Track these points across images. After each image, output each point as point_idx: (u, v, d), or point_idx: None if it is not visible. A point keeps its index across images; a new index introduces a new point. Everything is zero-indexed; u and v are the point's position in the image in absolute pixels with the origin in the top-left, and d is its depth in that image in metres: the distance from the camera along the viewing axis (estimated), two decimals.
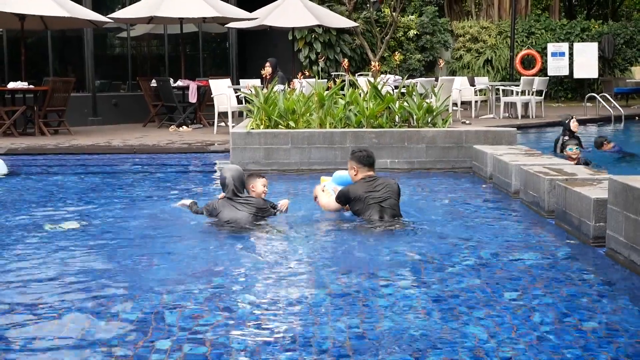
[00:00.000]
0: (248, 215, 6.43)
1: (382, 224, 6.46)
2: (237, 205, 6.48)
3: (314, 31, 21.43)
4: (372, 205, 6.56)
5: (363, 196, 6.59)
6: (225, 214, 6.45)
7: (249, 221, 6.40)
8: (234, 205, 6.48)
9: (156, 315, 4.21)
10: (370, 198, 6.57)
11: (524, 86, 18.47)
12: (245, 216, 6.42)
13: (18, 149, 12.11)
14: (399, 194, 6.76)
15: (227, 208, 6.48)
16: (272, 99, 10.84)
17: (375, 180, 6.72)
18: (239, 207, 6.47)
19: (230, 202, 6.50)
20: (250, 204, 6.50)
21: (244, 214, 6.43)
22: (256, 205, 6.52)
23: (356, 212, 6.69)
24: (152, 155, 11.90)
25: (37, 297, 4.57)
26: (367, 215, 6.57)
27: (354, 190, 6.68)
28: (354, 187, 6.74)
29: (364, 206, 6.59)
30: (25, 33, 15.11)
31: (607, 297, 4.56)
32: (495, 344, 3.76)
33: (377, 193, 6.60)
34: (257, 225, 6.42)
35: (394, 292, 4.66)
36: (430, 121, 10.84)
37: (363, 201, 6.59)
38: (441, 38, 24.81)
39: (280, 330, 3.98)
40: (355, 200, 6.64)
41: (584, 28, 25.77)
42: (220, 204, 6.54)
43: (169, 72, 18.83)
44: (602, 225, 5.60)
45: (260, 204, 6.56)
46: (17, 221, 7.00)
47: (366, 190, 6.61)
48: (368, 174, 6.77)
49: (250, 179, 6.76)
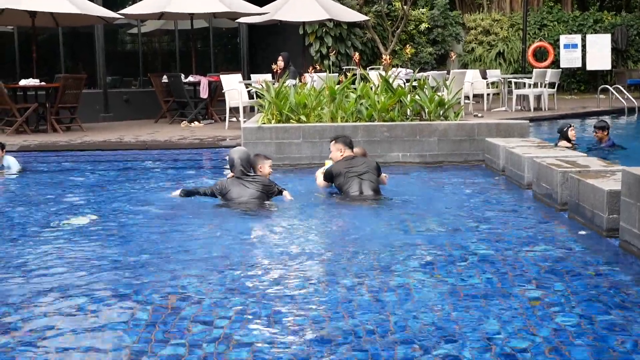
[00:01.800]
0: (255, 192, 7.06)
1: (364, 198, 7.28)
2: (245, 183, 7.10)
3: (325, 25, 21.39)
4: (352, 178, 7.43)
5: (343, 171, 7.49)
6: (234, 191, 7.06)
7: (256, 197, 7.03)
8: (242, 183, 7.10)
9: (172, 304, 4.22)
10: (350, 172, 7.45)
11: (537, 78, 18.36)
12: (252, 193, 7.05)
13: (30, 146, 12.15)
14: (379, 170, 7.64)
15: (236, 186, 7.09)
16: (283, 93, 10.83)
17: (355, 159, 7.64)
18: (247, 184, 7.09)
19: (239, 181, 7.12)
20: (257, 182, 7.14)
21: (252, 191, 7.05)
22: (262, 183, 7.16)
23: (338, 186, 7.56)
24: (164, 151, 11.91)
25: (50, 291, 4.59)
26: (347, 187, 7.41)
27: (336, 168, 7.61)
28: (335, 165, 7.67)
29: (344, 179, 7.46)
30: (36, 30, 15.15)
31: (621, 289, 4.52)
32: (509, 336, 3.73)
33: (356, 168, 7.48)
34: (264, 206, 7.04)
35: (404, 284, 4.64)
36: (442, 114, 10.80)
37: (344, 175, 7.47)
38: (453, 31, 24.70)
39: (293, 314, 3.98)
40: (337, 176, 7.55)
41: (597, 19, 25.59)
42: (230, 182, 7.16)
43: (180, 68, 18.83)
44: (616, 217, 5.56)
45: (266, 182, 7.21)
46: (30, 218, 7.03)
47: (346, 167, 7.51)
48: (350, 154, 7.71)
49: (258, 160, 7.43)
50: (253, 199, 7.02)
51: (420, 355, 3.54)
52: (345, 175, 7.45)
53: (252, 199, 7.01)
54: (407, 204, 7.45)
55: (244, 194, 7.03)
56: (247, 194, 7.02)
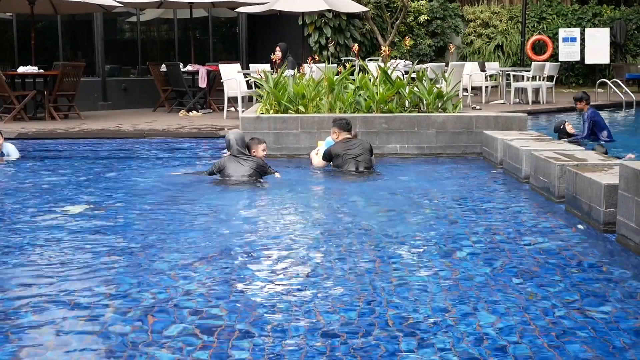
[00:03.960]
0: (249, 169, 7.87)
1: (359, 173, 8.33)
2: (240, 160, 7.93)
3: (324, 16, 21.35)
4: (349, 159, 8.44)
5: (341, 153, 8.50)
6: (230, 168, 7.91)
7: (250, 174, 7.83)
8: (238, 160, 7.93)
9: (170, 292, 4.24)
10: (348, 154, 8.45)
11: (535, 72, 18.36)
12: (247, 170, 7.86)
13: (28, 134, 12.14)
14: (372, 151, 8.66)
15: (232, 163, 7.94)
16: (281, 83, 10.83)
17: (351, 141, 8.60)
18: (242, 162, 7.91)
19: (236, 159, 7.96)
20: (251, 161, 7.98)
21: (246, 168, 7.87)
22: (256, 162, 7.99)
23: (336, 165, 8.59)
24: (162, 139, 11.91)
25: (50, 280, 4.60)
26: (345, 168, 8.45)
27: (335, 149, 8.61)
28: (334, 146, 8.64)
29: (342, 161, 8.48)
30: (35, 17, 15.11)
31: (617, 283, 4.54)
32: (504, 328, 3.75)
33: (353, 150, 8.47)
34: (258, 183, 7.82)
35: (402, 276, 4.65)
36: (440, 106, 10.80)
37: (342, 157, 8.49)
38: (452, 23, 24.67)
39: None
40: (336, 157, 8.59)
41: (596, 13, 25.56)
42: (227, 160, 8.02)
43: (178, 57, 18.81)
44: (613, 211, 5.58)
45: (260, 163, 8.04)
46: (28, 205, 7.03)
47: (344, 149, 8.50)
48: (346, 136, 8.65)
49: (252, 144, 8.29)
50: (247, 176, 7.82)
51: (414, 347, 3.56)
52: (343, 156, 8.48)
53: (246, 175, 7.82)
54: (404, 195, 7.46)
55: (239, 170, 7.85)
56: (242, 171, 7.85)
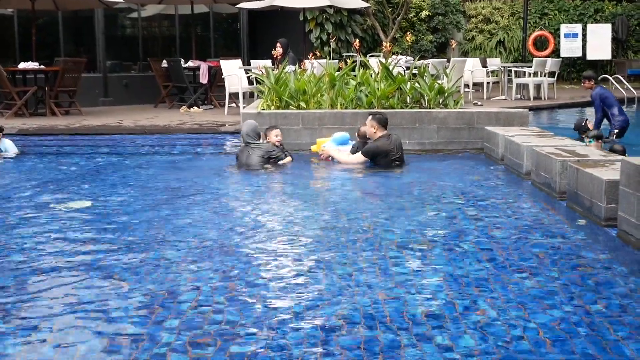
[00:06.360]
0: (258, 158, 8.74)
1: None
2: (249, 150, 8.83)
3: (325, 12, 21.32)
4: (392, 160, 8.62)
5: (386, 152, 8.63)
6: (242, 157, 8.87)
7: (258, 162, 8.71)
8: (248, 150, 8.84)
9: (172, 283, 4.24)
10: (391, 154, 8.62)
11: (537, 67, 18.33)
12: (256, 159, 8.75)
13: (29, 130, 12.14)
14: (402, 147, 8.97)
15: (244, 152, 8.90)
16: (283, 79, 10.82)
17: (390, 138, 8.71)
18: (251, 151, 8.81)
19: (246, 148, 8.89)
20: (260, 149, 8.82)
21: (255, 157, 8.76)
22: (265, 149, 8.82)
23: (378, 164, 8.68)
24: (163, 135, 11.90)
25: (47, 272, 4.60)
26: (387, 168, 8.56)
27: (382, 147, 8.65)
28: (380, 145, 8.67)
29: (387, 160, 8.63)
30: (36, 13, 15.11)
31: (618, 279, 4.54)
32: (505, 324, 3.75)
33: (395, 151, 8.65)
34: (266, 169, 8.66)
35: (404, 271, 4.65)
36: (441, 102, 10.80)
37: (387, 156, 8.62)
38: (453, 19, 24.63)
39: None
40: (382, 156, 8.65)
41: (598, 9, 25.52)
42: (240, 150, 9.03)
43: (180, 53, 18.78)
44: (614, 207, 5.57)
45: (269, 149, 8.87)
46: (28, 201, 7.03)
47: (389, 148, 8.62)
48: (385, 132, 8.74)
49: (267, 130, 9.17)
50: (256, 163, 8.71)
51: (415, 341, 3.56)
52: (387, 156, 8.64)
53: (254, 162, 8.71)
54: (405, 191, 7.46)
55: (249, 159, 8.76)
56: (251, 159, 8.74)
